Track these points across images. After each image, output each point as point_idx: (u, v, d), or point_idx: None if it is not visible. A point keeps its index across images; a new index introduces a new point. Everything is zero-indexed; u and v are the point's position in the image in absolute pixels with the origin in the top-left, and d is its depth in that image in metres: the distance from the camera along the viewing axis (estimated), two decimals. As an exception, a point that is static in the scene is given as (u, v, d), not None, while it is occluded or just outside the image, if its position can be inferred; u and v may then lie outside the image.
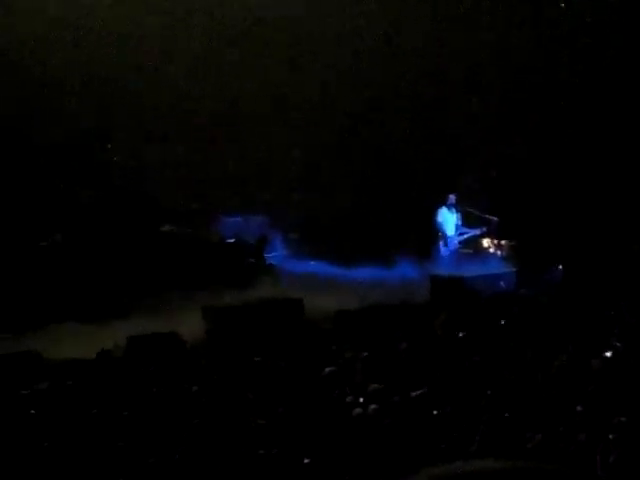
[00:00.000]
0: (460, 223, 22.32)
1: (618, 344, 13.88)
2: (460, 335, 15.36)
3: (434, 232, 22.48)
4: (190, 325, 17.42)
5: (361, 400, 11.84)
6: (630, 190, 21.38)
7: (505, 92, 23.14)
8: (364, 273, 21.60)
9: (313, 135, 23.75)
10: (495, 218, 22.34)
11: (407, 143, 23.55)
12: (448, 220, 22.29)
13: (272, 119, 23.84)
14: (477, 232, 22.33)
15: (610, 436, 9.36)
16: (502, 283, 20.22)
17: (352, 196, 23.99)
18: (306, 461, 10.12)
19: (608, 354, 13.51)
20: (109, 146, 22.92)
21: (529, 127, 22.72)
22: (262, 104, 23.58)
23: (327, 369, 13.41)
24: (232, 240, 22.64)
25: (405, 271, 21.80)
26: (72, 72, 22.73)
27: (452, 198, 22.27)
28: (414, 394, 11.83)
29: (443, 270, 21.40)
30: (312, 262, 23.19)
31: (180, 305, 18.41)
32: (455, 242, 22.44)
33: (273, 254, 23.22)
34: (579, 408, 10.79)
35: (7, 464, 10.18)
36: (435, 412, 11.28)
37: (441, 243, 22.35)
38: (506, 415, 10.99)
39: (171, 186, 23.13)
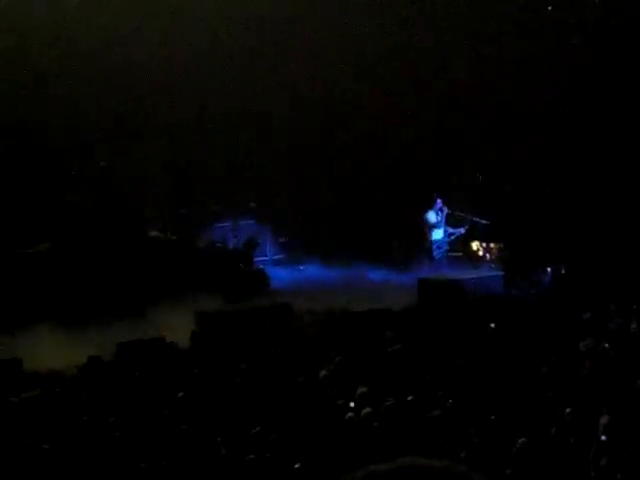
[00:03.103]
0: (446, 223, 22.39)
1: (607, 345, 13.91)
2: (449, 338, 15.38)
3: (422, 235, 22.50)
4: (180, 331, 17.40)
5: (352, 404, 11.84)
6: (619, 194, 21.43)
7: (493, 97, 23.17)
8: (353, 276, 21.59)
9: (302, 139, 23.75)
10: (484, 221, 22.38)
11: (396, 147, 23.56)
12: (436, 223, 22.34)
13: (260, 124, 23.84)
14: (462, 230, 22.41)
15: (602, 438, 9.38)
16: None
17: (342, 200, 23.99)
18: (297, 466, 10.11)
19: (598, 356, 13.54)
20: (102, 163, 22.70)
21: (517, 132, 22.75)
22: (251, 110, 23.58)
23: (320, 373, 13.42)
24: (221, 245, 22.61)
25: (394, 274, 21.81)
26: (61, 76, 22.72)
27: (439, 202, 22.32)
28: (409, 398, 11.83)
29: (432, 273, 21.42)
30: (301, 266, 23.20)
31: (169, 311, 18.38)
32: (444, 245, 22.48)
33: (262, 258, 23.21)
34: (568, 410, 10.81)
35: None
36: (425, 415, 11.28)
37: (429, 246, 22.38)
38: (497, 418, 10.99)
39: (159, 192, 23.09)
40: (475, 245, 22.76)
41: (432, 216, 22.35)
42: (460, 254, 22.73)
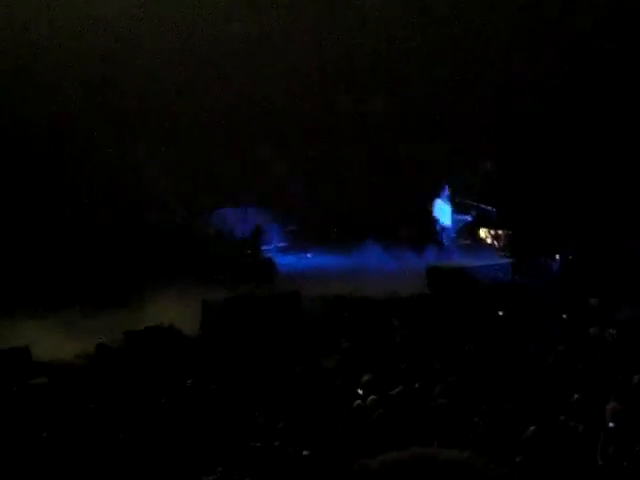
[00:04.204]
0: (454, 211, 22.37)
1: (615, 332, 13.88)
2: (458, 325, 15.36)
3: (431, 223, 22.47)
4: (187, 318, 17.39)
5: (360, 392, 11.84)
6: (627, 181, 21.37)
7: (499, 85, 23.10)
8: (361, 264, 21.55)
9: (309, 127, 23.69)
10: (491, 208, 22.34)
11: (403, 134, 23.50)
12: (444, 211, 22.31)
13: (264, 110, 23.78)
14: (470, 218, 22.38)
15: (610, 425, 9.36)
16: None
17: (349, 188, 23.94)
18: (305, 453, 10.12)
19: (606, 342, 13.52)
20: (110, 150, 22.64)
21: (523, 119, 22.68)
22: (255, 96, 23.54)
23: (325, 361, 13.41)
24: (229, 232, 22.59)
25: (403, 262, 21.77)
26: (61, 65, 22.69)
27: (448, 189, 22.31)
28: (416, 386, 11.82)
29: (441, 260, 21.39)
30: (309, 254, 23.17)
31: (177, 299, 18.38)
32: (452, 233, 22.44)
33: (270, 246, 23.19)
34: (576, 397, 10.79)
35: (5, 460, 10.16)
36: (433, 403, 11.27)
37: (438, 234, 22.35)
38: (505, 406, 10.98)
39: (167, 179, 23.06)
40: (483, 232, 22.72)
41: (441, 204, 22.32)
42: (468, 242, 22.68)
